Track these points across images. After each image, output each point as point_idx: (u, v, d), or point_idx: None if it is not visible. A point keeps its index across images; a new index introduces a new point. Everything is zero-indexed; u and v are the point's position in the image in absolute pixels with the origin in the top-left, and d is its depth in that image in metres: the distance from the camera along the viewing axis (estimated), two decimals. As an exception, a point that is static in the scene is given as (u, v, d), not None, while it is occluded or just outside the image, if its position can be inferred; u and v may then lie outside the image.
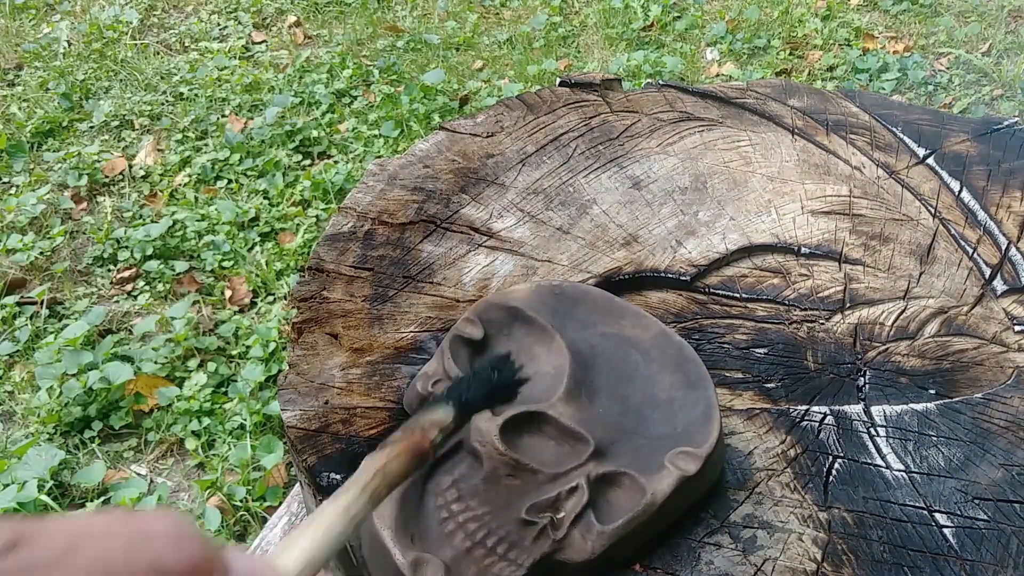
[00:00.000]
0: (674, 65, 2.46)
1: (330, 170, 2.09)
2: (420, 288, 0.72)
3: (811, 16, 2.70)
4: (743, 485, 0.59)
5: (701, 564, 0.55)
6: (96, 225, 1.98)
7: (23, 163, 2.18)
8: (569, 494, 0.54)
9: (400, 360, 0.67)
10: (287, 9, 2.87)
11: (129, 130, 2.32)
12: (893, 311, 0.71)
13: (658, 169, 0.83)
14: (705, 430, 0.57)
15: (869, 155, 0.85)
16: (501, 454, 0.56)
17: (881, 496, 0.59)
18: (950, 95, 2.37)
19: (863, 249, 0.76)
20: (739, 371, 0.67)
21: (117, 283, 1.84)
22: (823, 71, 2.47)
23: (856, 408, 0.64)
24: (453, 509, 0.55)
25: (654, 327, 0.64)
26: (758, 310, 0.71)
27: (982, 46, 2.54)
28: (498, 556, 0.52)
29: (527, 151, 0.84)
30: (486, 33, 2.74)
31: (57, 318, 1.75)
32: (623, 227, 0.78)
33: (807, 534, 0.56)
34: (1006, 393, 0.65)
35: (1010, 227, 0.79)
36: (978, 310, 0.72)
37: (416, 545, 0.53)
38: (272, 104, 2.35)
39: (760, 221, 0.79)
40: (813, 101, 0.91)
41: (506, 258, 0.75)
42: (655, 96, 0.91)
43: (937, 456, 0.61)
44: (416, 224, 0.77)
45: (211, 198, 2.04)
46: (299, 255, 1.87)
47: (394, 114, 2.28)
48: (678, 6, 2.81)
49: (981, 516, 0.57)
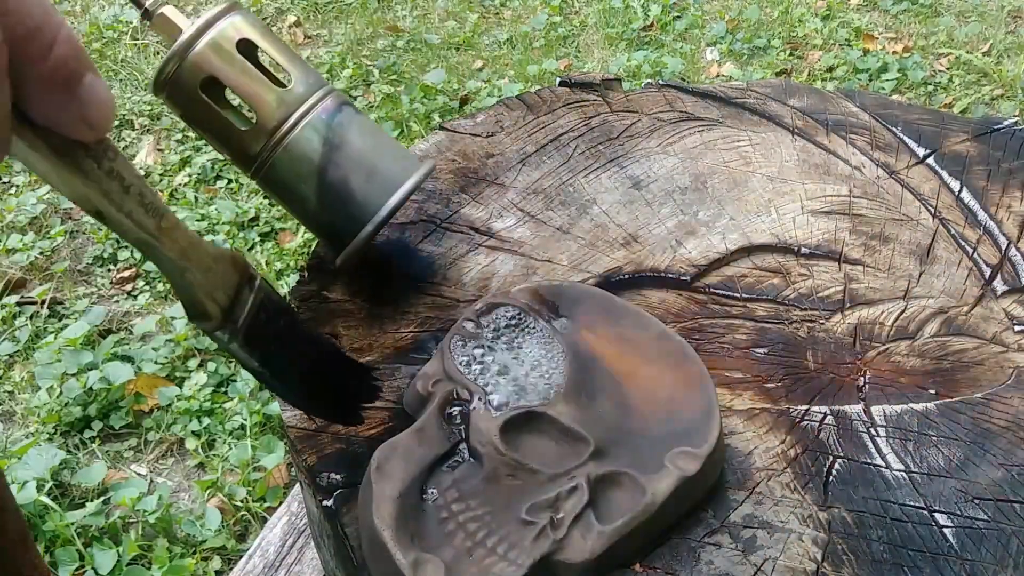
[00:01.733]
0: (674, 65, 2.47)
1: (330, 170, 2.08)
2: (420, 288, 0.72)
3: (811, 16, 2.70)
4: (743, 485, 0.59)
5: (701, 564, 0.55)
6: (96, 225, 1.98)
7: (23, 163, 2.18)
8: (569, 494, 0.54)
9: (400, 360, 0.67)
10: (287, 9, 2.88)
11: (129, 130, 2.32)
12: (893, 311, 0.71)
13: (658, 169, 0.83)
14: (705, 430, 0.57)
15: (869, 155, 0.85)
16: (501, 454, 0.56)
17: (881, 496, 0.59)
18: (950, 95, 2.37)
19: (863, 249, 0.76)
20: (739, 371, 0.67)
21: (117, 283, 1.84)
22: (823, 71, 2.48)
23: (856, 408, 0.64)
24: (453, 509, 0.55)
25: (654, 327, 0.64)
26: (758, 310, 0.71)
27: (982, 46, 2.54)
28: (498, 556, 0.52)
29: (527, 151, 0.84)
30: (486, 33, 2.74)
31: (57, 318, 1.75)
32: (623, 227, 0.78)
33: (807, 534, 0.56)
34: (1006, 393, 0.65)
35: (1010, 227, 0.79)
36: (978, 310, 0.72)
37: (416, 545, 0.53)
38: (272, 104, 2.34)
39: (760, 221, 0.79)
40: (813, 101, 0.91)
41: (506, 258, 0.75)
42: (655, 96, 0.91)
43: (937, 456, 0.61)
44: (416, 224, 0.77)
45: (211, 198, 2.04)
46: (299, 255, 1.88)
47: (394, 114, 2.28)
48: (678, 6, 2.81)
49: (981, 516, 0.57)
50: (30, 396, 1.58)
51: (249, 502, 1.41)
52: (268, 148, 0.64)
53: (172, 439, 1.53)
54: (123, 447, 1.52)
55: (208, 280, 0.49)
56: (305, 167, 0.65)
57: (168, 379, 1.61)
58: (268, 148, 0.64)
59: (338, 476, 0.59)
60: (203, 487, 1.43)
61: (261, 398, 1.56)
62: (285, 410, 0.63)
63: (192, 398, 1.54)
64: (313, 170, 0.65)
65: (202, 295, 0.49)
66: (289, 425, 0.62)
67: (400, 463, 0.55)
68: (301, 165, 0.65)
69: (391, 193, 0.66)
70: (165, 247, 0.46)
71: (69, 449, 1.49)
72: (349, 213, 0.66)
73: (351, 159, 0.66)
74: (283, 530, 1.17)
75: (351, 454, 0.60)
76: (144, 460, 1.50)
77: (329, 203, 0.66)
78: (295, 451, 0.62)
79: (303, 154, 0.65)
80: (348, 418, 0.61)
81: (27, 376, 1.62)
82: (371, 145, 0.67)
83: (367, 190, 0.66)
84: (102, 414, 1.54)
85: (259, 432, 1.51)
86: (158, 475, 1.49)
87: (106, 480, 1.44)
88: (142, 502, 1.39)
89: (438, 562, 0.51)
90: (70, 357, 1.60)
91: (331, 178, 0.65)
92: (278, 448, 1.46)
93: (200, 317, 0.50)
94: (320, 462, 0.60)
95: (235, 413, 1.54)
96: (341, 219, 0.67)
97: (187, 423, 1.53)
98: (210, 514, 1.38)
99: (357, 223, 0.66)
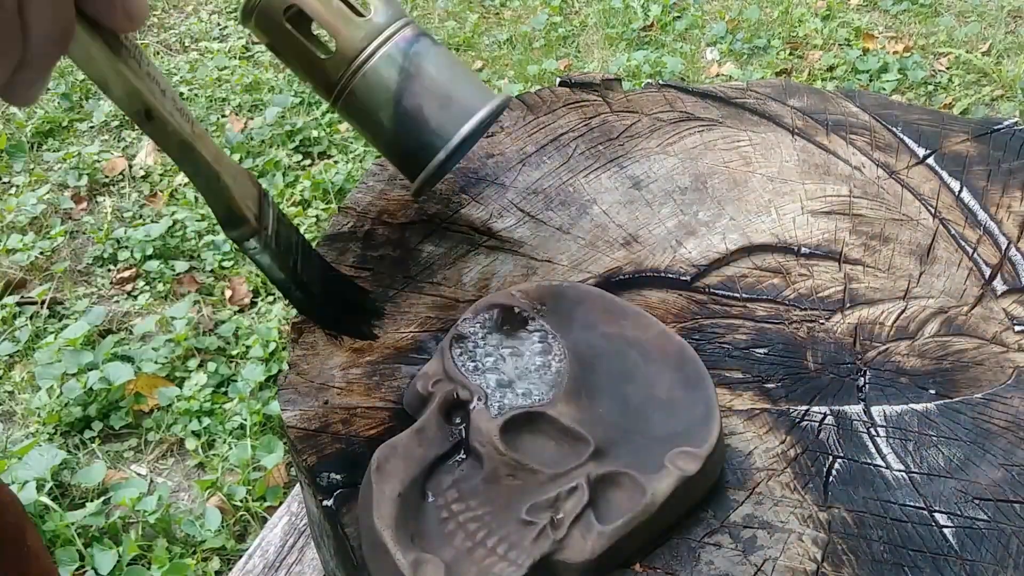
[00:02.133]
0: (674, 65, 2.47)
1: (330, 170, 2.09)
2: (420, 288, 0.72)
3: (811, 16, 2.70)
4: (743, 485, 0.59)
5: (701, 564, 0.55)
6: (96, 225, 1.98)
7: (23, 163, 2.18)
8: (569, 494, 0.54)
9: (400, 360, 0.67)
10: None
11: (129, 130, 2.32)
12: (893, 311, 0.71)
13: (658, 169, 0.84)
14: (705, 430, 0.57)
15: (869, 155, 0.85)
16: (501, 454, 0.56)
17: (881, 496, 0.59)
18: (950, 95, 2.37)
19: (863, 249, 0.76)
20: (739, 371, 0.67)
21: (117, 283, 1.84)
22: (823, 71, 2.48)
23: (856, 408, 0.64)
24: (453, 509, 0.55)
25: (654, 327, 0.64)
26: (758, 310, 0.71)
27: (982, 46, 2.54)
28: (498, 556, 0.52)
29: (527, 151, 0.84)
30: (486, 33, 2.74)
31: (57, 318, 1.75)
32: (623, 227, 0.78)
33: (807, 534, 0.56)
34: (1006, 393, 0.65)
35: (1010, 227, 0.79)
36: (978, 310, 0.72)
37: (416, 545, 0.53)
38: (272, 104, 2.35)
39: (760, 221, 0.79)
40: (813, 101, 0.91)
41: (506, 258, 0.75)
42: (655, 96, 0.91)
43: (937, 456, 0.61)
44: (416, 224, 0.77)
45: (211, 198, 2.04)
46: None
47: (394, 114, 2.28)
48: (678, 6, 2.81)
49: (981, 516, 0.57)
50: (30, 396, 1.58)
51: (249, 502, 1.41)
52: (347, 76, 0.67)
53: (172, 439, 1.53)
54: (123, 447, 1.52)
55: (238, 186, 0.51)
56: (382, 95, 0.67)
57: (168, 379, 1.61)
58: (347, 76, 0.67)
59: (338, 476, 0.59)
60: (203, 487, 1.43)
61: (261, 398, 1.56)
62: (285, 410, 0.63)
63: (192, 398, 1.54)
64: (389, 98, 0.67)
65: (237, 200, 0.51)
66: (289, 425, 0.62)
67: (400, 463, 0.55)
68: (378, 93, 0.67)
69: (465, 121, 0.68)
70: (202, 149, 0.48)
71: (69, 449, 1.49)
72: (423, 141, 0.68)
73: (426, 88, 0.68)
74: (283, 530, 1.17)
75: (351, 454, 0.60)
76: (144, 460, 1.50)
77: (404, 131, 0.68)
78: (295, 451, 0.62)
79: (380, 82, 0.67)
80: (364, 333, 0.64)
81: (27, 376, 1.62)
82: (447, 75, 0.69)
83: (441, 118, 0.68)
84: (102, 414, 1.54)
85: (259, 432, 1.51)
86: (158, 475, 1.49)
87: (106, 480, 1.44)
88: (142, 502, 1.39)
89: (438, 562, 0.51)
90: (70, 357, 1.60)
91: (406, 106, 0.67)
92: (278, 448, 1.46)
93: (237, 223, 0.52)
94: (320, 462, 0.60)
95: (235, 413, 1.54)
96: (415, 146, 0.69)
97: (187, 423, 1.53)
98: (210, 514, 1.38)
99: (431, 150, 0.68)
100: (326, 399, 0.64)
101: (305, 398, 0.64)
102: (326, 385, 0.65)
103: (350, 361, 0.67)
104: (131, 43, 0.45)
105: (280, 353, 1.64)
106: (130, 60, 0.44)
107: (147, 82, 0.45)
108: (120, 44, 0.44)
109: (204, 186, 0.50)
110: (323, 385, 0.65)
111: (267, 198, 0.55)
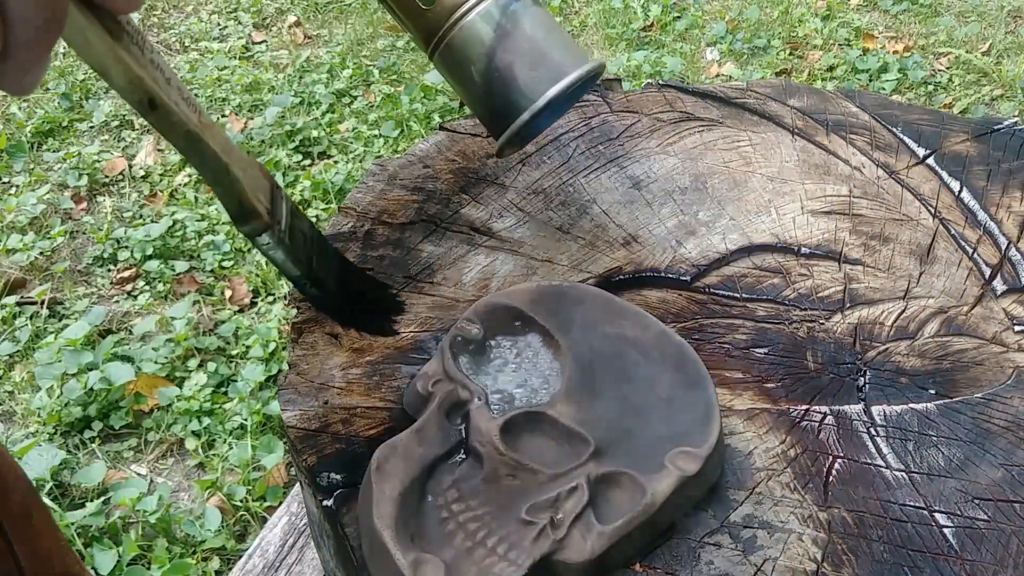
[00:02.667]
0: (674, 65, 2.47)
1: (330, 170, 2.09)
2: (420, 288, 0.72)
3: (811, 16, 2.70)
4: (743, 485, 0.59)
5: (701, 564, 0.55)
6: (96, 225, 1.98)
7: (23, 163, 2.18)
8: (569, 494, 0.54)
9: (400, 360, 0.67)
10: (287, 9, 2.88)
11: (129, 130, 2.32)
12: (893, 311, 0.71)
13: (658, 169, 0.84)
14: (705, 430, 0.57)
15: (869, 155, 0.85)
16: (501, 454, 0.56)
17: (881, 496, 0.59)
18: (950, 95, 2.37)
19: (863, 249, 0.76)
20: (739, 371, 0.67)
21: (117, 283, 1.84)
22: (823, 71, 2.48)
23: (856, 408, 0.64)
24: (453, 509, 0.55)
25: (654, 327, 0.64)
26: (758, 310, 0.71)
27: (982, 46, 2.54)
28: (498, 556, 0.52)
29: (527, 151, 0.84)
30: (486, 33, 2.74)
31: (57, 318, 1.75)
32: (623, 227, 0.78)
33: (807, 534, 0.56)
34: (1006, 393, 0.65)
35: (1010, 227, 0.79)
36: (978, 310, 0.72)
37: (416, 545, 0.53)
38: (272, 104, 2.35)
39: (760, 221, 0.79)
40: (813, 101, 0.91)
41: (506, 258, 0.75)
42: (655, 96, 0.91)
43: (937, 456, 0.61)
44: (416, 224, 0.77)
45: (211, 198, 2.04)
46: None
47: (394, 114, 2.28)
48: (678, 6, 2.81)
49: (981, 516, 0.57)
50: (30, 396, 1.58)
51: (249, 502, 1.41)
52: (446, 28, 0.68)
53: (172, 439, 1.53)
54: (123, 447, 1.52)
55: (249, 179, 0.49)
56: (476, 50, 0.68)
57: (168, 379, 1.60)
58: (446, 28, 0.68)
59: (338, 476, 0.59)
60: (203, 487, 1.43)
61: (261, 398, 1.56)
62: (285, 410, 0.63)
63: (192, 398, 1.54)
64: (483, 53, 0.68)
65: (248, 193, 0.49)
66: (289, 425, 0.62)
67: (400, 463, 0.55)
68: (473, 48, 0.68)
69: (554, 83, 0.68)
70: (210, 140, 0.46)
71: (69, 449, 1.49)
72: (510, 99, 0.68)
73: (519, 46, 0.68)
74: (283, 530, 1.17)
75: (351, 454, 0.60)
76: (144, 460, 1.50)
77: (493, 87, 0.69)
78: (295, 451, 0.62)
79: (476, 37, 0.68)
80: (384, 329, 0.62)
81: (27, 376, 1.62)
82: (542, 36, 0.69)
83: (530, 77, 0.68)
84: (102, 414, 1.54)
85: (259, 432, 1.51)
86: (158, 475, 1.49)
87: (106, 480, 1.44)
88: (142, 502, 1.39)
89: (438, 562, 0.51)
90: (70, 357, 1.60)
91: (498, 63, 0.68)
92: (278, 448, 1.46)
93: (248, 217, 0.50)
94: (320, 462, 0.60)
95: (235, 413, 1.54)
96: (502, 104, 0.69)
97: (187, 423, 1.53)
98: (210, 514, 1.38)
99: (516, 109, 0.68)
100: (326, 399, 0.64)
101: (305, 398, 0.64)
102: (326, 385, 0.65)
103: (350, 361, 0.67)
104: (133, 28, 0.43)
105: (280, 353, 1.64)
106: (132, 46, 0.42)
107: (150, 69, 0.43)
108: (121, 29, 0.42)
109: (212, 179, 0.48)
110: (323, 385, 0.65)
111: (280, 191, 0.54)
